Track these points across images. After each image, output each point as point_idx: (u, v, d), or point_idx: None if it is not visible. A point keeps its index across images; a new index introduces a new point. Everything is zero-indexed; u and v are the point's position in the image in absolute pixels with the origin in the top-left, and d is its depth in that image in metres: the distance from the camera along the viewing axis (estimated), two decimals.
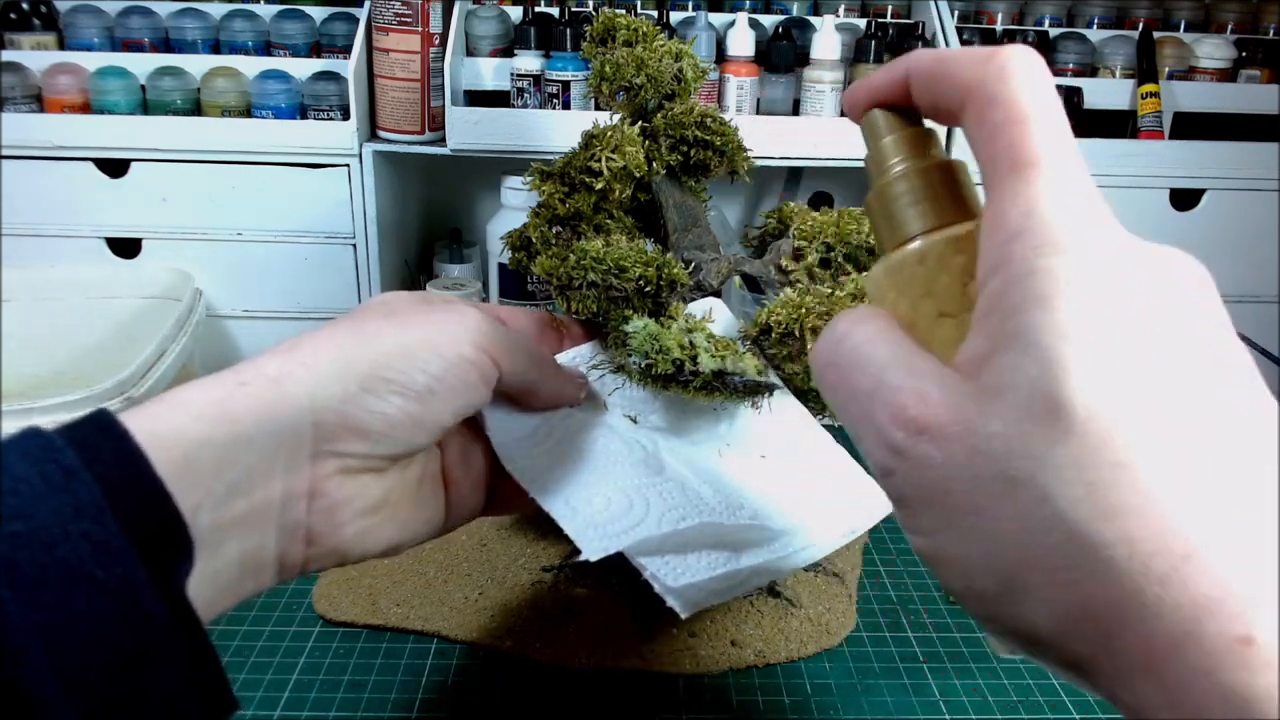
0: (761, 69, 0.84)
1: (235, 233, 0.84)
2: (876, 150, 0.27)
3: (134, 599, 0.26)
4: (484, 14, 0.84)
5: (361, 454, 0.34)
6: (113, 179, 0.82)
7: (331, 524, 0.34)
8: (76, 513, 0.26)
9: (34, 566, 0.25)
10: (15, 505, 0.25)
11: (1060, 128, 0.23)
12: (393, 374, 0.34)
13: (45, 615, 0.24)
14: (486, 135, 0.80)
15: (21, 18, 0.85)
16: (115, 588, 0.26)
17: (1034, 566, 0.21)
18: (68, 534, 0.25)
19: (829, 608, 0.57)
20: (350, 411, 0.33)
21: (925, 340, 0.25)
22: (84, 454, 0.27)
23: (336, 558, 0.35)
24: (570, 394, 0.45)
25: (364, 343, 0.35)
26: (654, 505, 0.42)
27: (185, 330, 0.74)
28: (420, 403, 0.35)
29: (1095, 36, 0.91)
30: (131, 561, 0.26)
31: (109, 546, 0.26)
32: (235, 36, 0.86)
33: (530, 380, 0.41)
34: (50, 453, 0.26)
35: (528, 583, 0.58)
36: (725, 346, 0.46)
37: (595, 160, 0.52)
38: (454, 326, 0.37)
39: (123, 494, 0.27)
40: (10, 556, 0.24)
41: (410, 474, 0.38)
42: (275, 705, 0.49)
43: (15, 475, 0.26)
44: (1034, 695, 0.51)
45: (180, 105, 0.82)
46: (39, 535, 0.25)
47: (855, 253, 0.52)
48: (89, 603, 0.25)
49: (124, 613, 0.26)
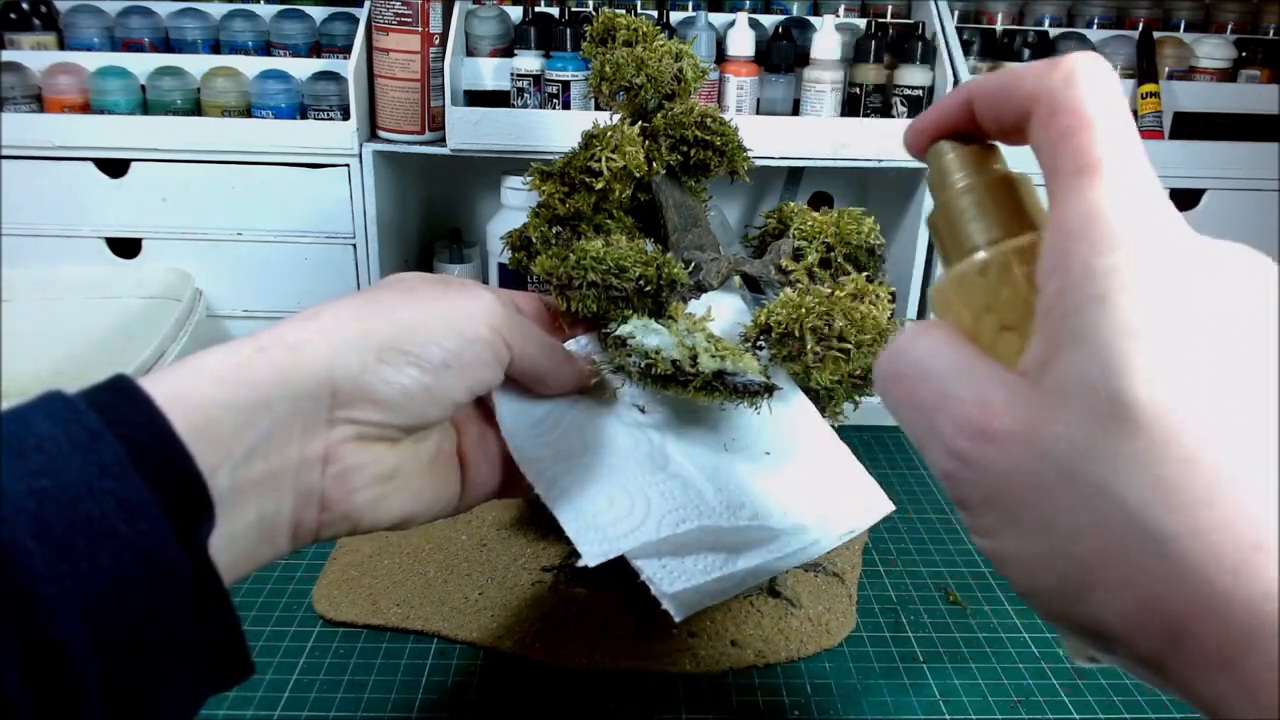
0: (761, 69, 0.84)
1: (235, 233, 0.84)
2: (939, 168, 0.28)
3: (158, 555, 0.26)
4: (484, 14, 0.84)
5: (376, 422, 0.35)
6: (113, 179, 0.82)
7: (345, 489, 0.35)
8: (101, 471, 0.26)
9: (61, 522, 0.25)
10: (42, 462, 0.26)
11: (1125, 131, 0.23)
12: (409, 346, 0.35)
13: (73, 568, 0.25)
14: (486, 135, 0.80)
15: (21, 18, 0.85)
16: (140, 544, 0.26)
17: (1101, 563, 0.21)
18: (93, 491, 0.26)
19: (829, 608, 0.57)
20: (367, 380, 0.34)
21: (989, 353, 0.25)
22: (106, 416, 0.27)
23: (349, 524, 0.36)
24: (579, 381, 0.46)
25: (382, 315, 0.36)
26: (655, 505, 0.42)
27: (185, 330, 0.74)
28: (435, 376, 0.36)
29: (1095, 36, 0.91)
30: (156, 518, 0.27)
31: (134, 504, 0.26)
32: (235, 36, 0.86)
33: (540, 365, 0.42)
34: (74, 414, 0.27)
35: (528, 583, 0.58)
36: (725, 346, 0.46)
37: (595, 160, 0.52)
38: (471, 306, 0.38)
39: (146, 454, 0.27)
40: (38, 511, 0.25)
41: (425, 448, 0.39)
42: (275, 705, 0.49)
43: (41, 434, 0.26)
44: (1034, 695, 0.51)
45: (180, 105, 0.82)
46: (66, 492, 0.25)
47: (855, 253, 0.52)
48: (115, 558, 0.26)
49: (149, 569, 0.26)
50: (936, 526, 0.68)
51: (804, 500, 0.45)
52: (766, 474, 0.46)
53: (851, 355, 0.46)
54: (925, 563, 0.63)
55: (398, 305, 0.37)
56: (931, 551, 0.65)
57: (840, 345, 0.46)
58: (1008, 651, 0.55)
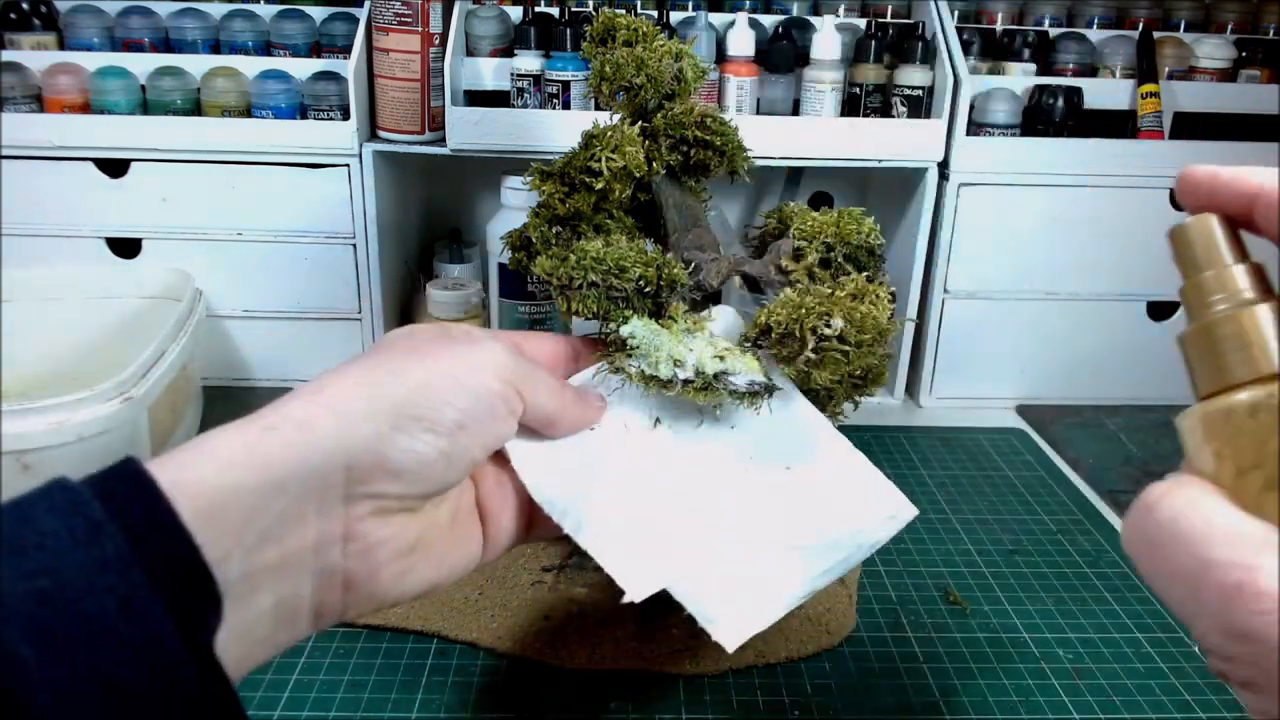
0: (761, 69, 0.84)
1: (235, 233, 0.84)
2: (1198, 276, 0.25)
3: (160, 655, 0.26)
4: (484, 14, 0.84)
5: (396, 494, 0.34)
6: (113, 179, 0.82)
7: (369, 567, 0.33)
8: (102, 567, 0.25)
9: (60, 624, 0.24)
10: (42, 560, 0.25)
11: None
12: (421, 411, 0.34)
13: (71, 671, 0.24)
14: (486, 135, 0.80)
15: (21, 18, 0.85)
16: (141, 643, 0.25)
17: None
18: (93, 589, 0.25)
19: (829, 608, 0.57)
20: (383, 450, 0.33)
21: (1252, 509, 0.22)
22: (110, 505, 0.26)
23: (374, 602, 0.35)
24: (590, 418, 0.44)
25: (390, 380, 0.34)
26: (688, 534, 0.42)
27: (185, 330, 0.74)
28: (451, 439, 0.35)
29: (1095, 36, 0.91)
30: (158, 616, 0.26)
31: (135, 601, 0.25)
32: (235, 36, 0.86)
33: (552, 410, 0.41)
34: (77, 505, 0.26)
35: (528, 583, 0.58)
36: (725, 347, 0.46)
37: (595, 160, 0.52)
38: (477, 359, 0.37)
39: (150, 546, 0.26)
40: (35, 614, 0.24)
41: (444, 510, 0.38)
42: (275, 705, 0.49)
43: (42, 530, 0.25)
44: (1034, 695, 0.51)
45: (180, 105, 0.82)
46: (64, 591, 0.24)
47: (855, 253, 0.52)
48: (115, 660, 0.25)
49: (150, 669, 0.25)
50: (936, 526, 0.68)
51: (832, 515, 0.44)
52: (793, 493, 0.45)
53: (851, 355, 0.46)
54: (925, 563, 0.63)
55: (405, 368, 0.35)
56: (931, 551, 0.65)
57: (840, 345, 0.46)
58: (1008, 651, 0.55)
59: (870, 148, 0.82)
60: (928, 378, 0.90)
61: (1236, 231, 0.25)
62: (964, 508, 0.71)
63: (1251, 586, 0.20)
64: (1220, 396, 0.23)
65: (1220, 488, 0.23)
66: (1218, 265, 0.24)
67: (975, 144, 0.83)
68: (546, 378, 0.41)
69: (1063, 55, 0.90)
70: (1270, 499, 0.22)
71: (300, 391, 0.34)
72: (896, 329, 0.48)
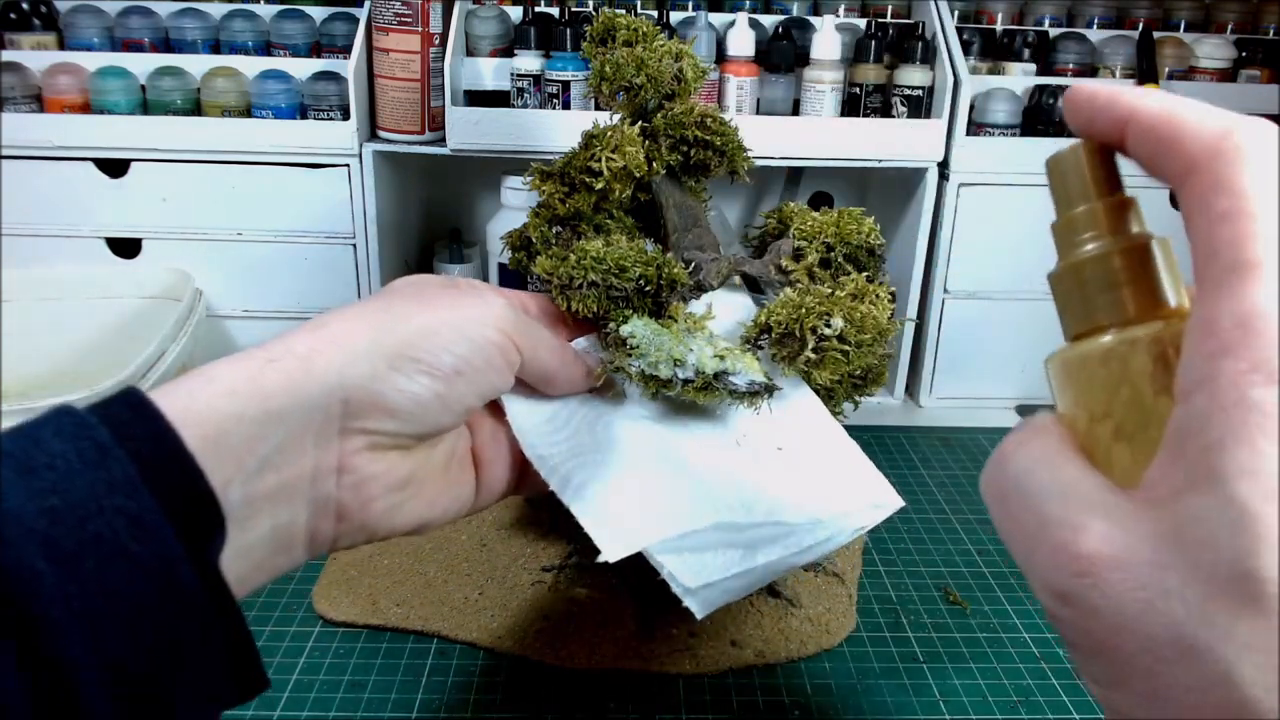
0: (761, 69, 0.84)
1: (235, 233, 0.84)
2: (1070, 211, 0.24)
3: (169, 573, 0.26)
4: (484, 14, 0.84)
5: (390, 431, 0.35)
6: (113, 179, 0.82)
7: (360, 499, 0.34)
8: (111, 488, 0.26)
9: (71, 541, 0.25)
10: (51, 480, 0.25)
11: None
12: (420, 354, 0.35)
13: (82, 589, 0.25)
14: (486, 135, 0.80)
15: (21, 18, 0.85)
16: (151, 562, 0.26)
17: None
18: (103, 509, 0.25)
19: (829, 608, 0.57)
20: (379, 389, 0.34)
21: (1100, 461, 0.22)
22: (116, 431, 0.27)
23: (365, 533, 0.36)
24: (587, 381, 0.46)
25: (393, 322, 0.35)
26: (671, 502, 0.42)
27: (185, 330, 0.74)
28: (447, 383, 0.36)
29: (1095, 36, 0.91)
30: (167, 536, 0.26)
31: (144, 521, 0.26)
32: (235, 36, 0.86)
33: (550, 367, 0.42)
34: (84, 429, 0.27)
35: (528, 583, 0.58)
36: (725, 346, 0.46)
37: (595, 160, 0.52)
38: (480, 310, 0.38)
39: (156, 470, 0.27)
40: (47, 531, 0.25)
41: (439, 453, 0.39)
42: (275, 705, 0.49)
43: (51, 451, 0.26)
44: (1034, 695, 0.51)
45: (180, 105, 0.82)
46: (75, 510, 0.25)
47: (855, 253, 0.52)
48: (125, 577, 0.25)
49: (159, 587, 0.26)
50: (936, 526, 0.68)
51: (818, 496, 0.45)
52: (780, 470, 0.46)
53: (851, 355, 0.46)
54: (925, 563, 0.63)
55: (408, 312, 0.36)
56: (931, 551, 0.65)
57: (840, 345, 0.46)
58: (1008, 651, 0.55)
59: (870, 148, 0.82)
60: (927, 378, 0.90)
61: (1113, 161, 0.23)
62: (964, 508, 0.71)
63: (1073, 547, 0.20)
64: (1082, 340, 0.23)
65: (1076, 435, 0.23)
66: (1089, 200, 0.23)
67: (975, 144, 0.83)
68: (547, 336, 0.42)
69: (1063, 55, 0.90)
70: (1120, 450, 0.21)
71: (305, 326, 0.35)
72: (896, 329, 0.48)
